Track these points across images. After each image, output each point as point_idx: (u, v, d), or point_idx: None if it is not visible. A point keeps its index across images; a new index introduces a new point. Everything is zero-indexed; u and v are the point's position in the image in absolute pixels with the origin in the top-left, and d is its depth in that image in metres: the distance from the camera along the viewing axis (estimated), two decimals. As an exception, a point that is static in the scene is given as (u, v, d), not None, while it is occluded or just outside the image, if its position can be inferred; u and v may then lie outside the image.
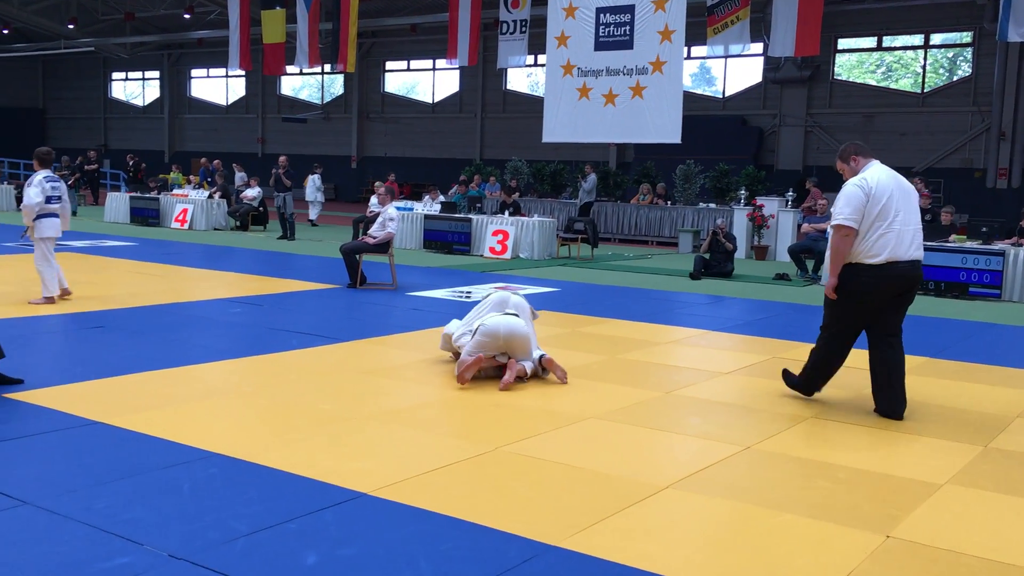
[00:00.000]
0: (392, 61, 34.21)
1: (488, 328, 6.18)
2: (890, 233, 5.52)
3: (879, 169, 5.71)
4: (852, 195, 5.55)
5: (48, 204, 9.03)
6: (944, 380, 6.91)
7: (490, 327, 6.17)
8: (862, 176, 5.66)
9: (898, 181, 5.72)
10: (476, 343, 6.20)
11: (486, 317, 6.38)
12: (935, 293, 12.30)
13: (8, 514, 3.67)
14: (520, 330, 6.25)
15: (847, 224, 5.53)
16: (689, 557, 3.54)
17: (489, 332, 6.16)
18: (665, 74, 16.69)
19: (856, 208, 5.52)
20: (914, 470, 4.69)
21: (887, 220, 5.52)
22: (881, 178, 5.62)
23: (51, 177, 9.18)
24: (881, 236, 5.51)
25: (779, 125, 26.45)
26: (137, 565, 3.25)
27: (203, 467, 4.32)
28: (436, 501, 3.97)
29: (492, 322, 6.21)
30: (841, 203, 5.59)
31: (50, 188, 9.06)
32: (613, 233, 20.32)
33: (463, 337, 6.57)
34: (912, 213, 5.66)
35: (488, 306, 6.72)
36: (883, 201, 5.52)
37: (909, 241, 5.58)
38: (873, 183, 5.56)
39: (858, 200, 5.53)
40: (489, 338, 6.16)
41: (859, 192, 5.54)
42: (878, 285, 5.58)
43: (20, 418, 5.01)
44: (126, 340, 7.34)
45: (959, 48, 24.99)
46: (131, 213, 20.60)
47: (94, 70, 41.38)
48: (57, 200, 9.15)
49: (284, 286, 11.05)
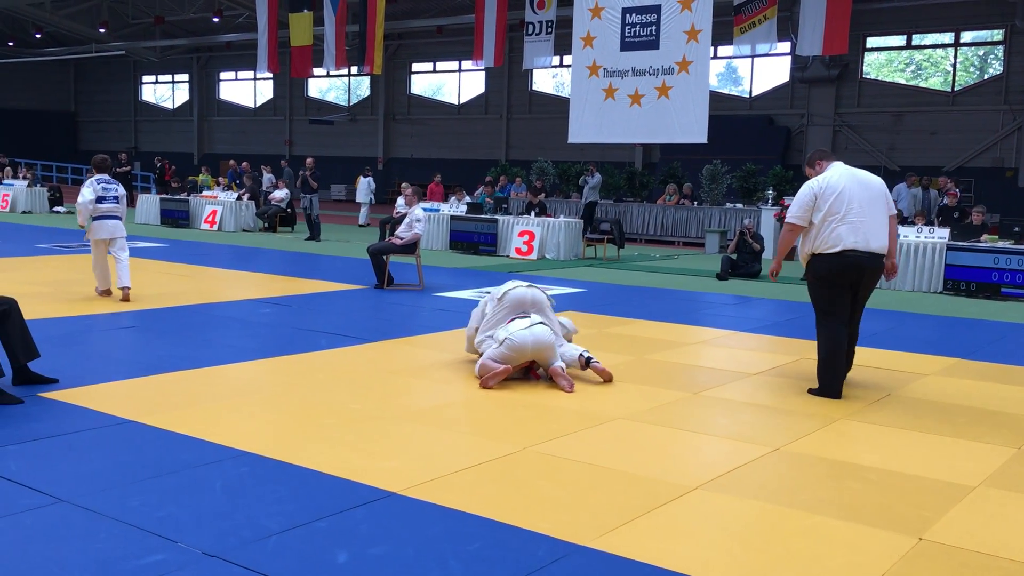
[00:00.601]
0: (418, 63, 34.34)
1: (516, 344, 6.14)
2: (843, 226, 5.97)
3: (835, 169, 6.22)
4: (801, 195, 6.16)
5: (100, 205, 9.22)
6: (976, 381, 6.84)
7: (517, 343, 6.14)
8: (815, 178, 6.20)
9: (857, 178, 6.16)
10: (503, 355, 6.18)
11: (512, 329, 6.25)
12: (967, 294, 12.16)
13: (45, 511, 3.73)
14: (546, 339, 6.23)
15: (792, 221, 6.23)
16: (719, 558, 3.53)
17: (517, 348, 6.15)
18: (691, 74, 16.61)
19: (802, 207, 6.12)
20: (946, 472, 4.64)
21: (839, 214, 5.99)
22: (833, 177, 6.12)
23: (103, 179, 9.37)
24: (834, 229, 5.99)
25: (807, 125, 26.27)
26: (171, 562, 3.29)
27: (234, 466, 4.36)
28: (465, 500, 3.98)
29: (519, 337, 6.15)
30: (794, 203, 6.24)
31: (101, 189, 9.25)
32: (639, 234, 20.28)
33: (484, 342, 6.52)
34: (874, 207, 6.08)
35: (507, 309, 6.53)
36: (832, 198, 6.00)
37: (865, 234, 6.00)
38: (824, 183, 6.09)
39: (805, 199, 6.11)
40: (516, 353, 6.16)
41: (809, 193, 6.11)
42: (839, 271, 6.06)
43: (55, 417, 5.08)
44: (158, 340, 7.43)
45: (990, 46, 24.70)
46: (161, 215, 20.82)
47: (124, 73, 41.88)
48: (113, 200, 9.36)
49: (312, 287, 11.12)
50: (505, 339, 6.18)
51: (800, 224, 6.16)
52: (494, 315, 6.62)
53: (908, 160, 24.58)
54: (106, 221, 9.30)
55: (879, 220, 6.09)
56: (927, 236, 12.79)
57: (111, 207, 9.33)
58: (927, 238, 12.75)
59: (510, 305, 6.54)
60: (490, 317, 6.65)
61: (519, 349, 6.15)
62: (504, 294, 6.62)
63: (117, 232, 9.37)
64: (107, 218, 9.30)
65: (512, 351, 6.15)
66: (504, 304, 6.57)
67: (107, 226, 9.30)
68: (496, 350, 6.24)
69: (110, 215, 9.33)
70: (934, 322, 9.95)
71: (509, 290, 6.63)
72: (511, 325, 6.32)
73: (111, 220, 9.35)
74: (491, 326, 6.57)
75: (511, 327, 6.28)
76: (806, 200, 6.10)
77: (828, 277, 6.10)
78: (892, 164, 25.15)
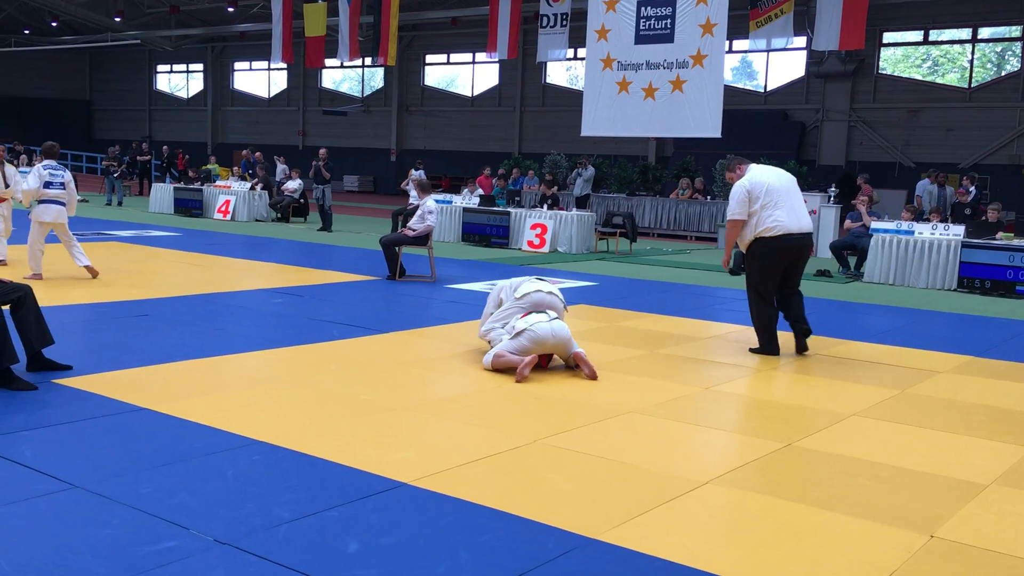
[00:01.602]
0: (432, 54, 34.31)
1: (537, 337, 6.22)
2: (779, 211, 7.05)
3: (755, 168, 7.32)
4: (737, 194, 7.14)
5: (46, 190, 9.54)
6: (990, 379, 6.80)
7: (538, 336, 6.22)
8: (745, 179, 7.18)
9: (776, 173, 7.31)
10: (521, 347, 6.21)
11: (532, 321, 6.30)
12: (981, 291, 12.10)
13: (58, 497, 3.75)
14: (564, 334, 6.34)
15: (733, 218, 7.18)
16: (729, 553, 3.52)
17: (538, 341, 6.23)
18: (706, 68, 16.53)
19: (740, 204, 7.11)
20: (959, 470, 4.62)
21: (777, 204, 7.06)
22: (757, 175, 7.19)
23: (51, 165, 9.69)
24: (771, 216, 7.04)
25: (822, 120, 26.13)
26: (183, 549, 3.30)
27: (246, 454, 4.38)
28: (475, 492, 3.99)
29: (540, 329, 6.23)
30: (732, 202, 7.18)
31: (48, 175, 9.57)
32: (652, 228, 20.23)
33: (494, 331, 6.56)
34: (792, 195, 7.24)
35: (525, 302, 6.57)
36: (763, 192, 7.07)
37: (797, 218, 7.13)
38: (752, 181, 7.13)
39: (741, 197, 7.10)
40: (536, 345, 6.23)
41: (742, 191, 7.11)
42: (778, 251, 7.13)
43: (69, 403, 5.11)
44: (171, 328, 7.46)
45: (1007, 43, 24.51)
46: (175, 204, 20.89)
47: (139, 62, 41.99)
48: (59, 187, 9.62)
49: (324, 277, 11.14)
50: (525, 330, 6.24)
51: (741, 219, 7.13)
52: (509, 309, 6.64)
53: (923, 157, 24.43)
54: (50, 205, 9.59)
55: (801, 205, 7.26)
56: (942, 233, 12.72)
57: (56, 193, 9.62)
58: (942, 235, 12.68)
59: (528, 305, 6.59)
60: (504, 310, 6.67)
61: (539, 342, 6.22)
62: (524, 295, 6.64)
63: (60, 217, 9.63)
64: (51, 203, 9.60)
65: (532, 343, 6.21)
66: (522, 303, 6.61)
67: (51, 210, 9.58)
68: (514, 342, 6.27)
69: (55, 200, 9.62)
70: (948, 319, 9.90)
71: (530, 292, 6.65)
72: (529, 317, 6.37)
73: (55, 205, 9.64)
74: (503, 318, 6.59)
75: (530, 319, 6.34)
76: (742, 197, 7.09)
77: (769, 257, 7.13)
78: (907, 160, 25.00)
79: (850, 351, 7.72)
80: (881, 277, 12.96)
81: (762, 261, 7.17)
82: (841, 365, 7.12)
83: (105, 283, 9.61)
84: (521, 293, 6.66)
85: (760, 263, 7.19)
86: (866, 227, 13.75)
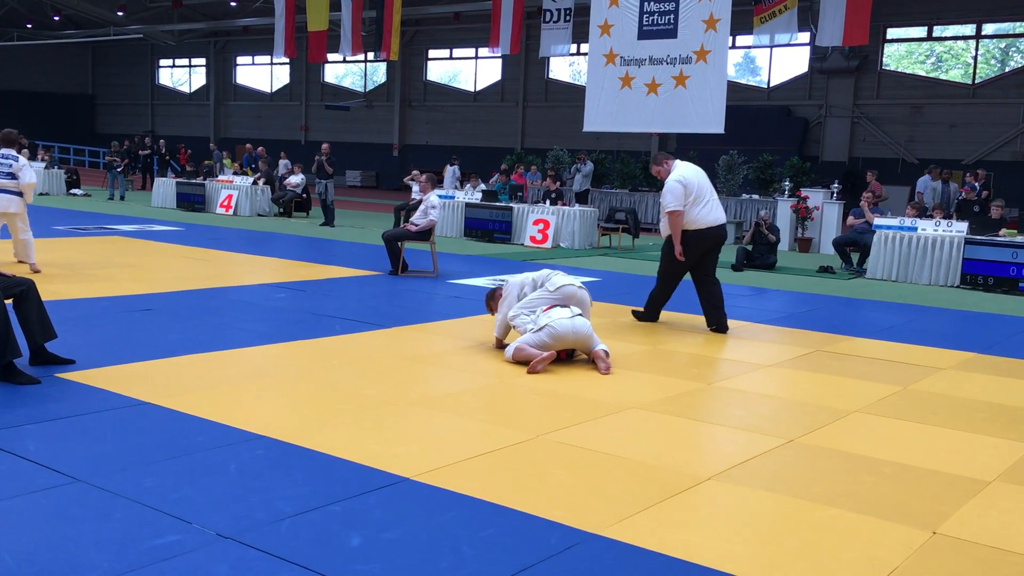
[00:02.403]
0: (435, 49, 34.29)
1: (557, 333, 6.32)
2: (703, 207, 7.84)
3: (681, 165, 7.97)
4: (675, 188, 7.78)
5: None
6: (993, 376, 6.80)
7: (559, 332, 6.32)
8: (677, 173, 7.84)
9: (697, 171, 8.00)
10: (541, 342, 6.31)
11: (553, 316, 6.40)
12: (984, 288, 12.08)
13: (62, 491, 3.76)
14: (585, 331, 6.43)
15: (675, 209, 7.79)
16: (731, 549, 3.52)
17: (558, 336, 6.33)
18: (709, 63, 16.50)
19: (678, 196, 7.77)
20: (961, 466, 4.62)
21: (702, 200, 7.83)
22: (687, 172, 7.88)
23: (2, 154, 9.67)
24: (699, 211, 7.82)
25: (825, 116, 26.10)
26: (186, 543, 3.31)
27: (249, 448, 4.39)
28: (478, 487, 3.99)
29: (561, 326, 6.33)
30: (669, 196, 7.79)
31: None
32: (654, 223, 20.20)
33: (520, 316, 6.62)
34: (713, 191, 8.02)
35: (558, 294, 6.73)
36: (695, 188, 7.81)
37: (717, 212, 7.96)
38: (683, 176, 7.83)
39: (678, 190, 7.77)
40: (555, 341, 6.34)
41: (679, 185, 7.78)
42: (700, 243, 7.95)
43: (72, 397, 5.12)
44: (174, 323, 7.46)
45: (1012, 39, 24.45)
46: (177, 198, 20.89)
47: (142, 57, 42.00)
48: (7, 176, 9.60)
49: (327, 272, 11.15)
50: (546, 326, 6.34)
51: (682, 209, 7.78)
52: (540, 298, 6.75)
53: (927, 153, 24.39)
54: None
55: (717, 198, 8.05)
56: (945, 230, 12.70)
57: (3, 182, 9.60)
58: (945, 231, 12.66)
59: (561, 297, 6.73)
60: (536, 297, 6.78)
61: (559, 338, 6.33)
62: (559, 287, 6.81)
63: (11, 207, 9.62)
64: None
65: (552, 339, 6.32)
66: (555, 295, 6.74)
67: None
68: (534, 335, 6.35)
69: (2, 189, 9.60)
70: (951, 316, 9.89)
71: (564, 285, 6.84)
72: (552, 312, 6.45)
73: (3, 194, 9.61)
74: (532, 306, 6.69)
75: (552, 314, 6.42)
76: (679, 191, 7.77)
77: (692, 248, 7.92)
78: (911, 157, 24.97)
79: (853, 347, 7.71)
80: (884, 273, 12.95)
81: (687, 250, 7.91)
82: (844, 361, 7.12)
83: (108, 278, 9.61)
84: (556, 285, 6.83)
85: (684, 251, 7.93)
86: (869, 223, 13.74)
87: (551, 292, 6.81)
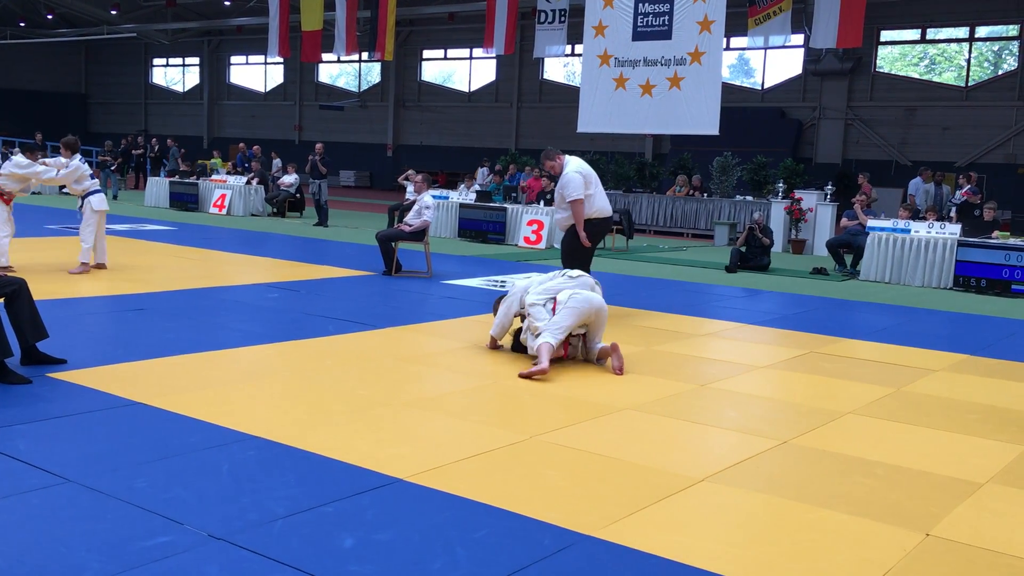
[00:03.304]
0: (429, 49, 34.24)
1: (584, 297, 6.53)
2: (597, 198, 8.31)
3: (576, 159, 8.36)
4: (575, 179, 8.13)
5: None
6: (985, 378, 6.81)
7: (586, 296, 6.55)
8: (573, 166, 8.22)
9: (585, 164, 8.39)
10: (570, 310, 6.40)
11: (576, 290, 6.58)
12: (977, 290, 12.11)
13: (52, 491, 3.74)
14: (606, 311, 6.70)
15: (579, 198, 8.14)
16: (725, 550, 3.52)
17: (586, 300, 6.53)
18: (704, 65, 16.48)
19: (578, 187, 8.13)
20: (954, 468, 4.63)
21: (593, 191, 8.26)
22: (579, 165, 8.27)
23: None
24: (596, 202, 8.27)
25: (819, 118, 26.14)
26: (178, 544, 3.29)
27: (241, 449, 4.37)
28: (471, 488, 3.98)
29: (587, 294, 6.58)
30: (571, 187, 8.13)
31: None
32: (648, 224, 20.22)
33: (536, 307, 6.58)
34: (600, 183, 8.49)
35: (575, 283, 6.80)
36: (589, 180, 8.23)
37: (606, 202, 8.48)
38: (579, 168, 8.21)
39: (578, 182, 8.14)
40: (586, 305, 6.50)
41: (578, 176, 8.16)
42: (600, 230, 8.47)
43: (63, 397, 5.09)
44: (166, 323, 7.44)
45: (1004, 41, 24.53)
46: (170, 198, 20.84)
47: (135, 56, 41.87)
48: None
49: (320, 272, 11.12)
50: (571, 296, 6.49)
51: (583, 198, 8.16)
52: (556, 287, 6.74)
53: (920, 155, 24.44)
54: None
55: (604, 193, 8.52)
56: (938, 232, 12.73)
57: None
58: (938, 234, 12.68)
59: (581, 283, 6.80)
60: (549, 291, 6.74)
61: (587, 302, 6.55)
62: (573, 276, 6.90)
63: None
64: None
65: (581, 303, 6.50)
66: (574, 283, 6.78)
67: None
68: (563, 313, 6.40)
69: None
70: (944, 318, 9.91)
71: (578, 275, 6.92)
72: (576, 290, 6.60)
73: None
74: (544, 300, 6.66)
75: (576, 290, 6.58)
76: (579, 182, 8.15)
77: (595, 235, 8.37)
78: (904, 159, 25.02)
79: (846, 349, 7.72)
80: (877, 275, 12.98)
81: (591, 239, 8.35)
82: (837, 363, 7.13)
83: (101, 277, 9.58)
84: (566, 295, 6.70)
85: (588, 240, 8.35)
86: (862, 225, 13.77)
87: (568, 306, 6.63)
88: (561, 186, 8.19)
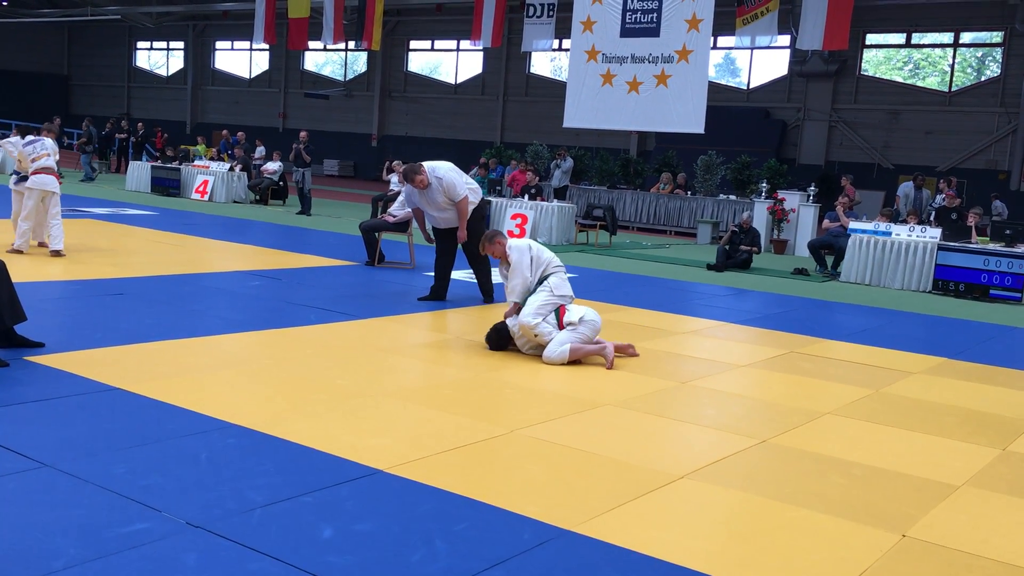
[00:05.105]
0: (416, 40, 34.13)
1: (596, 325, 6.70)
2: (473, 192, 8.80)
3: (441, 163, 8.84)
4: (457, 179, 8.66)
5: None
6: (963, 382, 6.87)
7: (597, 324, 6.72)
8: (446, 167, 8.72)
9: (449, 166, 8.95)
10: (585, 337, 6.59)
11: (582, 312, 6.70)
12: (955, 294, 12.21)
13: (28, 476, 3.70)
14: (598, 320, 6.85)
15: (466, 195, 8.63)
16: (703, 547, 3.53)
17: (595, 328, 6.70)
18: (691, 63, 16.54)
19: (462, 185, 8.66)
20: (931, 470, 4.67)
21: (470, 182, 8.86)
22: (450, 165, 8.86)
23: None
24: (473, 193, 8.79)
25: (803, 119, 26.27)
26: (155, 531, 3.27)
27: (220, 437, 4.34)
28: (452, 481, 3.98)
29: (593, 317, 6.72)
30: (459, 186, 8.61)
31: None
32: (632, 221, 20.26)
33: (541, 326, 6.60)
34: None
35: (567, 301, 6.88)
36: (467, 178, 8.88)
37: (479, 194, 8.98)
38: (456, 169, 8.80)
39: (461, 180, 8.70)
40: (593, 332, 6.68)
41: (459, 176, 8.73)
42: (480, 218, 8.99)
43: (41, 381, 5.05)
44: (146, 308, 7.38)
45: (988, 48, 24.72)
46: (152, 183, 20.67)
47: (119, 38, 41.46)
48: None
49: (302, 261, 11.07)
50: (582, 318, 6.63)
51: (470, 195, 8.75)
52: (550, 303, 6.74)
53: (902, 159, 24.63)
54: None
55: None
56: (918, 235, 12.82)
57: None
58: (918, 237, 12.78)
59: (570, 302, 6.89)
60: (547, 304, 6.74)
61: (596, 329, 6.71)
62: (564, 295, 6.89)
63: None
64: None
65: (591, 330, 6.64)
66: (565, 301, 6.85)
67: None
68: (576, 334, 6.53)
69: None
70: (922, 321, 9.99)
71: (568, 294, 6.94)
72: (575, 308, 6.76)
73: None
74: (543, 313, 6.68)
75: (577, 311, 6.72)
76: (462, 180, 8.73)
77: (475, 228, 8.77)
78: (886, 162, 25.19)
79: (826, 350, 7.77)
80: (857, 277, 13.06)
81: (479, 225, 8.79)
82: (817, 363, 7.17)
83: (80, 261, 9.49)
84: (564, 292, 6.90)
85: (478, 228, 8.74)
86: (844, 227, 13.85)
87: (562, 296, 6.81)
88: (446, 188, 8.55)
